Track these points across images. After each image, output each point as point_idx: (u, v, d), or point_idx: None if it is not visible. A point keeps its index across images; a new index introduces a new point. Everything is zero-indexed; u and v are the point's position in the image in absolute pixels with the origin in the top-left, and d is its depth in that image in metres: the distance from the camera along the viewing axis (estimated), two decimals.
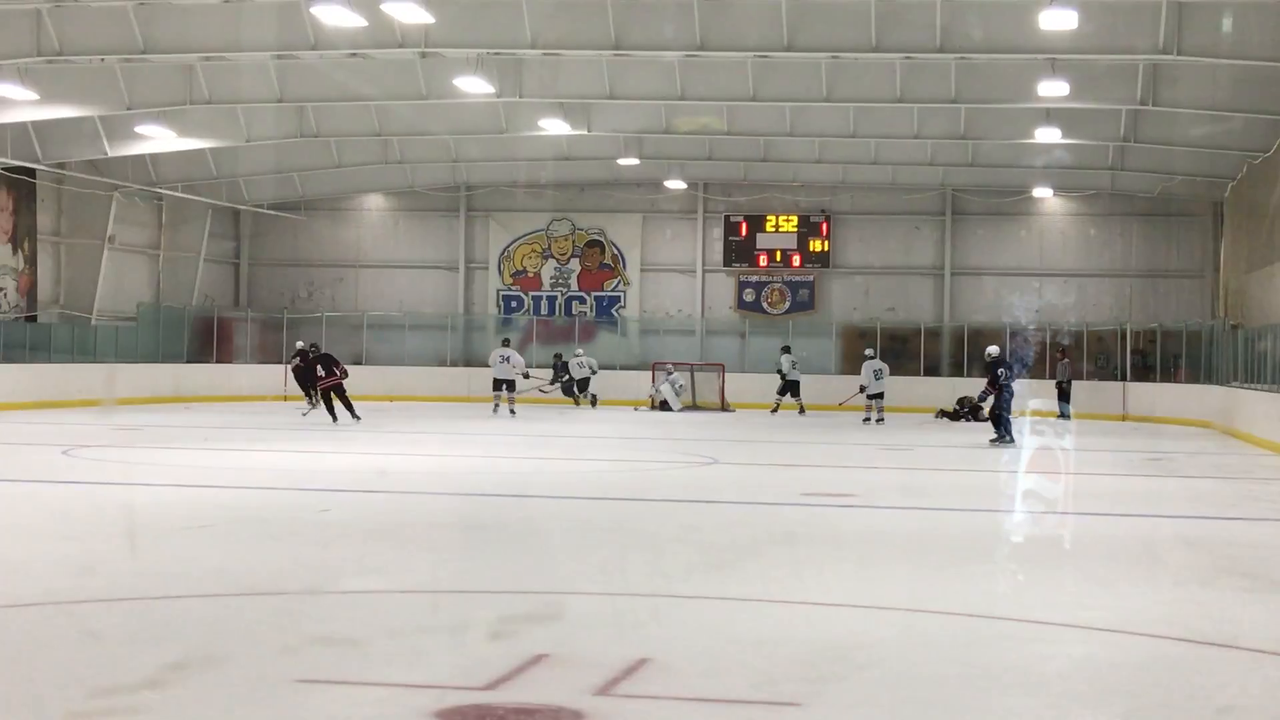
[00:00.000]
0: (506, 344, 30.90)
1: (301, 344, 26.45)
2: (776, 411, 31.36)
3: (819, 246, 36.74)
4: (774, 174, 35.88)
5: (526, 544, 10.55)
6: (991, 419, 22.44)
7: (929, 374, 34.60)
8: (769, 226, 36.91)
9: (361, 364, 36.80)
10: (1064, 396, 30.65)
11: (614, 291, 38.01)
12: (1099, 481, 16.29)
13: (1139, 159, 31.40)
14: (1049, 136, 27.98)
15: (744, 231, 36.99)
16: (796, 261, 36.78)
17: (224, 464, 17.54)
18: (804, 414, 31.01)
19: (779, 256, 36.86)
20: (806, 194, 36.79)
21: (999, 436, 22.02)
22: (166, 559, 9.43)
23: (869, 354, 30.06)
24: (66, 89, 25.25)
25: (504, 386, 29.35)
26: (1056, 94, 23.84)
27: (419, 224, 38.84)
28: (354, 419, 24.34)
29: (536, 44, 22.05)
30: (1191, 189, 33.37)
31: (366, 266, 38.95)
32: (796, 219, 36.83)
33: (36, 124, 27.98)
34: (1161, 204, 34.78)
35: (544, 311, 38.15)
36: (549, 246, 38.28)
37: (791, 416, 30.50)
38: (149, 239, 35.71)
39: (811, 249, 36.75)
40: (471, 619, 7.56)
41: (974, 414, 29.51)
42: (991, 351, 23.15)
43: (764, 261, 36.91)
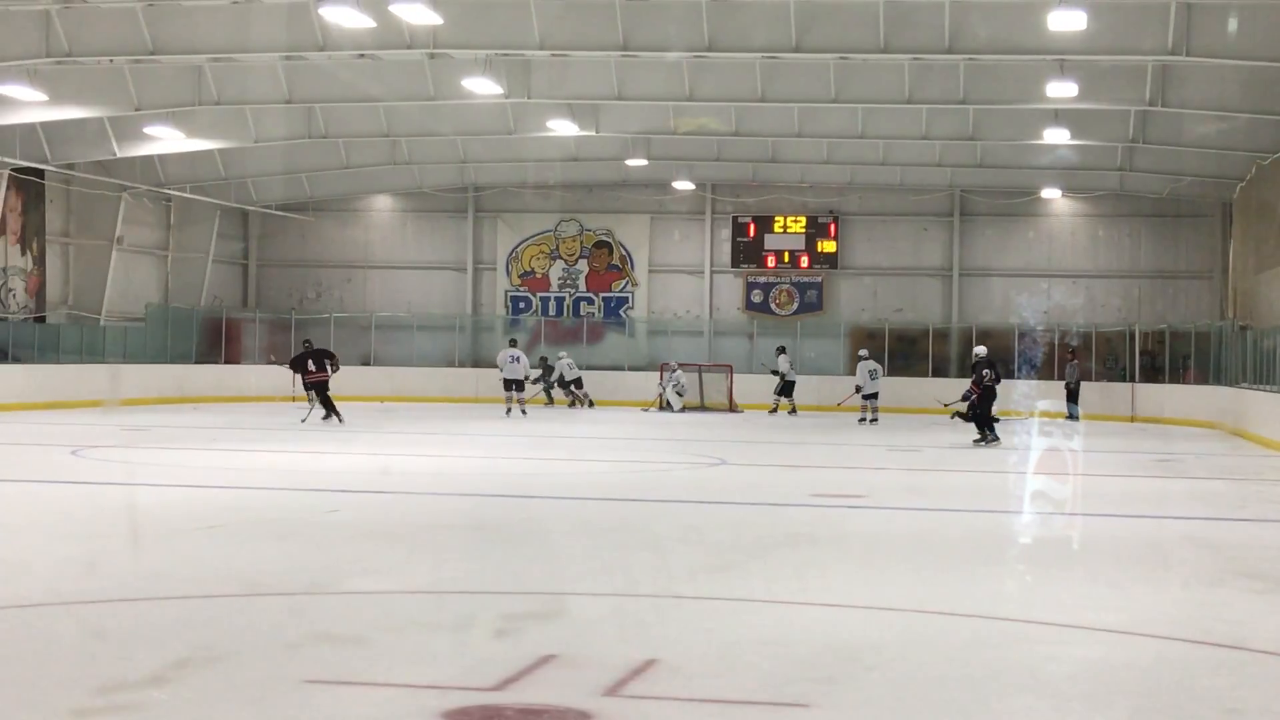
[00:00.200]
0: (514, 344, 30.91)
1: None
2: (776, 412, 31.46)
3: (827, 247, 36.72)
4: (782, 175, 35.89)
5: (533, 544, 10.55)
6: (975, 419, 22.36)
7: (937, 375, 34.53)
8: (777, 227, 36.89)
9: (370, 365, 36.97)
10: (1073, 398, 30.62)
11: (622, 292, 38.00)
12: (1107, 483, 16.26)
13: (1147, 160, 31.36)
14: (1057, 137, 27.94)
15: (752, 232, 36.97)
16: (804, 262, 36.77)
17: (231, 464, 17.57)
18: (795, 414, 31.17)
19: (787, 257, 36.84)
20: (814, 195, 36.77)
21: (982, 436, 22.03)
22: (173, 559, 9.44)
23: (863, 354, 30.12)
24: (75, 90, 25.28)
25: (514, 387, 29.40)
26: (1065, 95, 23.81)
27: (427, 225, 38.86)
28: (332, 418, 24.50)
29: (545, 45, 22.04)
30: (1200, 190, 33.31)
31: (375, 267, 38.97)
32: (804, 220, 36.81)
33: (45, 125, 28.04)
34: (1170, 205, 34.72)
35: (552, 312, 38.15)
36: (557, 247, 38.29)
37: (789, 417, 30.53)
38: (157, 240, 35.78)
39: (819, 250, 36.73)
40: (478, 619, 7.56)
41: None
42: (979, 352, 23.17)
43: (772, 262, 36.90)
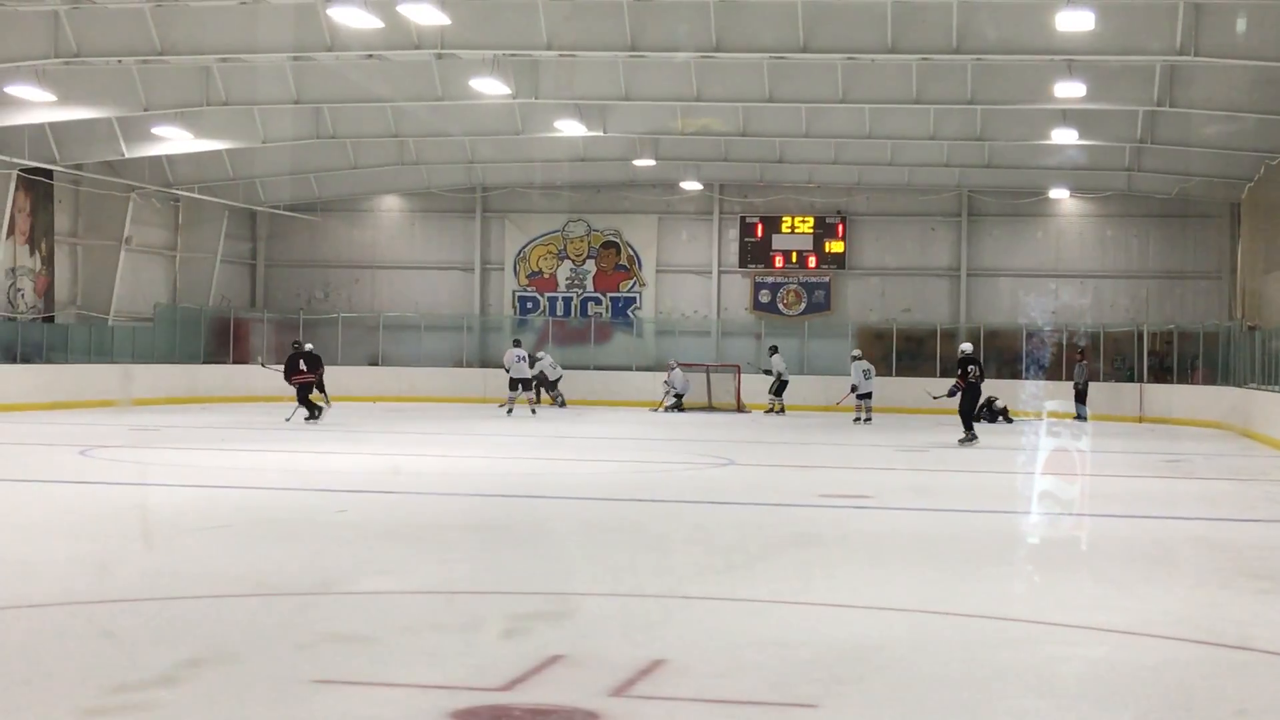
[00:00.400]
0: (519, 344, 30.94)
1: (309, 348, 26.63)
2: (772, 411, 31.54)
3: (835, 248, 36.71)
4: (789, 175, 35.88)
5: (541, 545, 10.55)
6: (961, 414, 22.37)
7: (945, 375, 34.42)
8: (785, 228, 36.89)
9: (378, 365, 37.02)
10: (1080, 398, 30.58)
11: (629, 292, 38.01)
12: (1115, 483, 16.24)
13: (1155, 160, 31.32)
14: (1065, 137, 27.93)
15: (760, 233, 36.97)
16: (812, 263, 36.76)
17: (239, 464, 17.60)
18: (783, 413, 31.34)
19: (795, 258, 36.83)
20: (822, 195, 36.76)
21: (966, 436, 22.03)
22: (182, 559, 9.46)
23: (856, 354, 30.20)
24: (84, 90, 25.34)
25: (519, 386, 29.42)
26: (1073, 95, 23.78)
27: (435, 225, 38.88)
28: (311, 417, 24.66)
29: (552, 45, 22.06)
30: (1208, 190, 33.26)
31: (382, 267, 39.00)
32: (812, 220, 36.80)
33: (54, 125, 28.10)
34: (1178, 205, 34.66)
35: (559, 313, 38.17)
36: (565, 248, 38.30)
37: (795, 417, 30.60)
38: (165, 240, 35.83)
39: (827, 250, 36.71)
40: (486, 619, 7.57)
41: (1005, 414, 29.48)
42: (965, 349, 23.17)
43: (780, 263, 36.89)
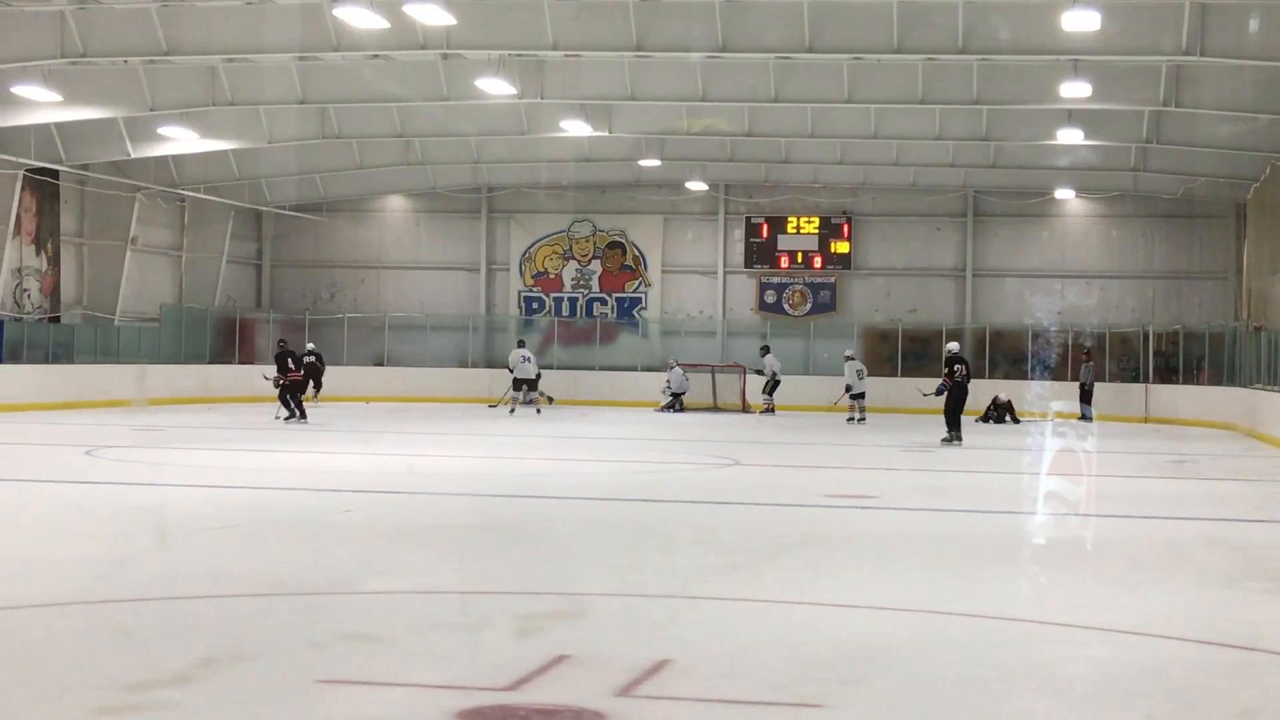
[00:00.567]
0: (523, 345, 30.97)
1: (311, 346, 26.70)
2: (770, 411, 31.59)
3: (840, 248, 36.71)
4: (795, 175, 35.88)
5: (547, 545, 10.57)
6: (945, 414, 22.39)
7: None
8: (790, 228, 36.88)
9: (383, 365, 37.04)
10: (1086, 398, 30.59)
11: (635, 293, 38.02)
12: (1121, 483, 16.25)
13: (1161, 160, 31.30)
14: (1071, 138, 27.91)
15: (765, 233, 36.97)
16: (818, 263, 36.76)
17: (246, 464, 17.62)
18: (773, 413, 31.43)
19: (800, 258, 36.83)
20: (828, 195, 36.76)
21: (950, 436, 22.03)
22: (191, 559, 9.49)
23: (849, 355, 30.20)
24: (90, 90, 25.38)
25: (524, 386, 29.45)
26: (1079, 95, 23.79)
27: (440, 225, 38.91)
28: (291, 417, 24.92)
29: (558, 45, 22.07)
30: (1214, 190, 33.23)
31: (388, 268, 39.03)
32: (818, 220, 36.79)
33: (60, 125, 28.15)
34: (1184, 205, 34.64)
35: (565, 313, 38.18)
36: (570, 248, 38.31)
37: (796, 417, 30.64)
38: (171, 240, 35.87)
39: (833, 250, 36.71)
40: (493, 619, 7.58)
41: (1011, 414, 29.49)
42: (951, 348, 23.20)
43: (785, 263, 36.90)
